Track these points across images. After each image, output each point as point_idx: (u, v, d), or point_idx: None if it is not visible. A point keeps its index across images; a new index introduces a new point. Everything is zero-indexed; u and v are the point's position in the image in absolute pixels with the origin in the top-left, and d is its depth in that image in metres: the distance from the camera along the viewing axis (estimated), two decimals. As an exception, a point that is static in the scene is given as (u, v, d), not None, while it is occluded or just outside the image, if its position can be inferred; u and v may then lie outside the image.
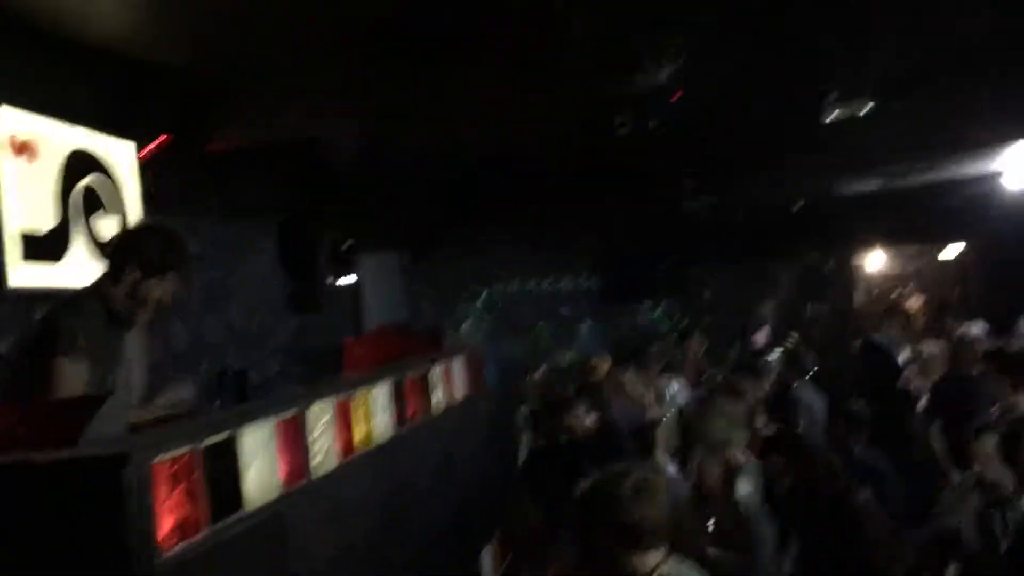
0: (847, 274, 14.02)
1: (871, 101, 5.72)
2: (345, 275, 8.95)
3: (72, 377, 3.21)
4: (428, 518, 4.29)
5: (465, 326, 11.34)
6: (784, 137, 6.31)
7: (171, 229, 3.63)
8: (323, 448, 3.12)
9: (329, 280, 7.92)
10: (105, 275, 3.50)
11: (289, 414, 2.88)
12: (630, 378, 7.84)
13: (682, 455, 5.65)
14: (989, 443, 4.18)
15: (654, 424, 7.27)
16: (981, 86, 5.55)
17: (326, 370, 7.15)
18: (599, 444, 6.20)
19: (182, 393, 3.77)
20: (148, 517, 2.09)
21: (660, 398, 7.75)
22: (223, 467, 2.44)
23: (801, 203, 8.97)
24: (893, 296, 13.74)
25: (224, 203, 6.58)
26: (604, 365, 8.01)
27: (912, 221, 9.78)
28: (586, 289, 11.92)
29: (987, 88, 5.60)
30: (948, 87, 5.55)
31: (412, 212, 9.17)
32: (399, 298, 10.05)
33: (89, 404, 2.48)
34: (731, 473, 4.44)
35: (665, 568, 2.69)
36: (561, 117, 5.39)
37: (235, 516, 2.45)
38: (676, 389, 7.81)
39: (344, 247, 8.89)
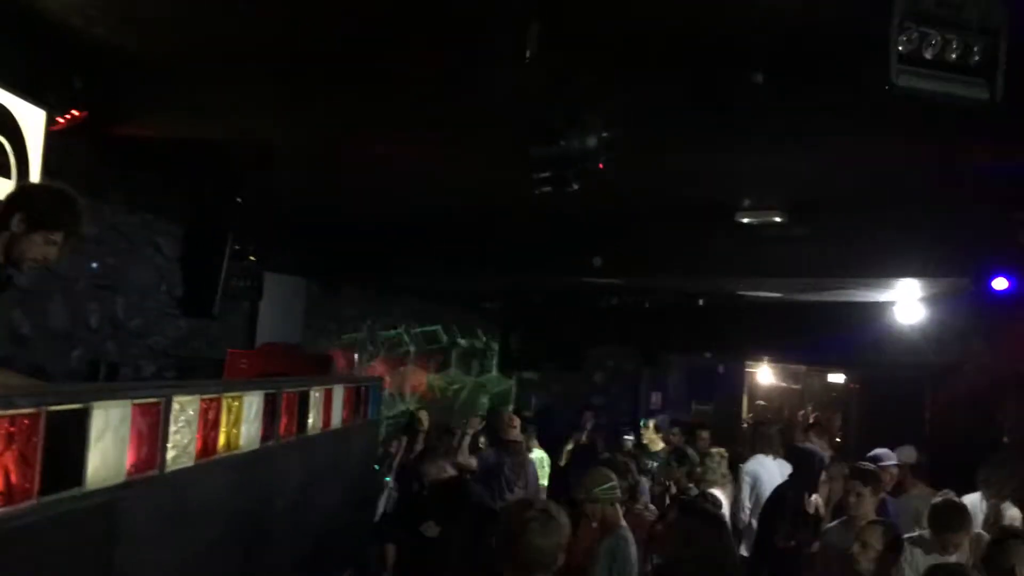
0: (736, 380, 14.38)
1: (780, 216, 5.96)
2: (245, 288, 8.73)
3: None
4: (281, 539, 4.15)
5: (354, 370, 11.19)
6: (699, 229, 6.51)
7: (71, 192, 3.50)
8: (181, 443, 3.01)
9: (225, 290, 7.69)
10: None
11: (150, 400, 2.77)
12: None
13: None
14: None
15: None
16: (881, 222, 5.87)
17: (205, 378, 6.93)
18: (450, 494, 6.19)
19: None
20: (-28, 472, 1.97)
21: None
22: (67, 438, 2.32)
23: (703, 300, 9.23)
24: (802, 413, 14.12)
25: (130, 191, 6.39)
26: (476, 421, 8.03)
27: (804, 339, 10.11)
28: (482, 349, 11.92)
29: (886, 225, 5.91)
30: (852, 218, 5.84)
31: (323, 242, 9.08)
32: (295, 325, 9.84)
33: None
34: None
35: None
36: (483, 169, 5.45)
37: (70, 492, 2.33)
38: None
39: (249, 258, 8.68)
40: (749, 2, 3.41)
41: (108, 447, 2.52)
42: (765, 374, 15.53)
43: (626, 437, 8.87)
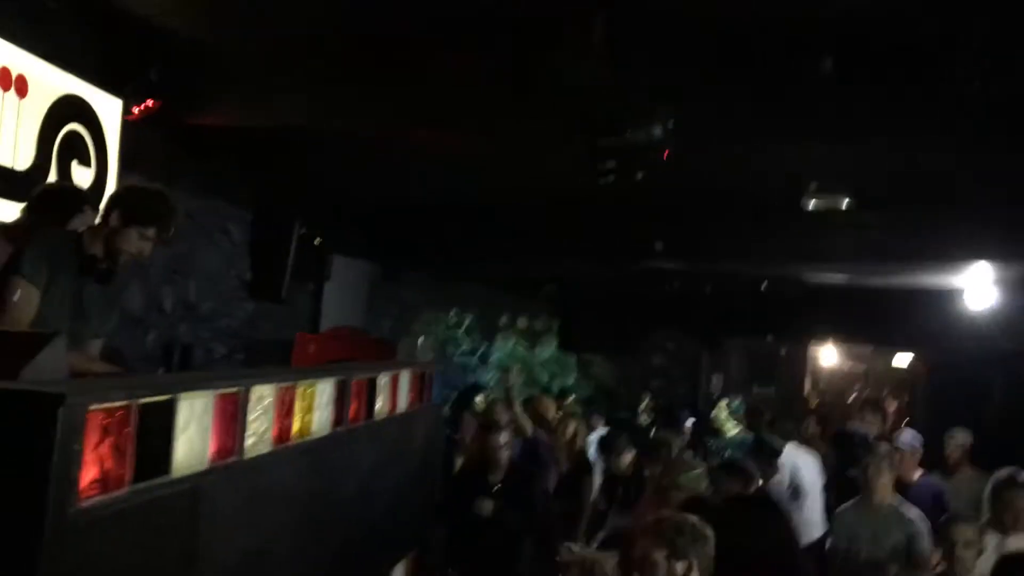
0: (798, 362, 14.22)
1: (848, 199, 5.87)
2: (311, 273, 8.90)
3: (22, 300, 3.19)
4: (349, 521, 4.26)
5: (418, 351, 11.32)
6: (763, 215, 6.44)
7: (163, 191, 3.69)
8: (258, 431, 3.11)
9: (292, 275, 7.86)
10: (89, 227, 3.53)
11: (230, 390, 2.87)
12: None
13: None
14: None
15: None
16: (949, 208, 5.75)
17: (272, 361, 7.12)
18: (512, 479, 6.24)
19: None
20: (74, 463, 2.07)
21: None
22: (156, 428, 2.42)
23: (767, 284, 9.13)
24: (854, 395, 13.96)
25: (202, 178, 6.55)
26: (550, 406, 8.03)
27: (871, 322, 9.97)
28: (544, 330, 11.95)
29: (954, 211, 5.79)
30: (921, 204, 5.74)
31: (385, 227, 9.19)
32: (360, 308, 10.01)
33: (34, 341, 2.47)
34: None
35: None
36: (548, 158, 5.48)
37: (159, 480, 2.43)
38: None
39: (316, 242, 8.85)
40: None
41: (193, 436, 2.62)
42: (829, 355, 15.34)
43: (687, 421, 8.72)
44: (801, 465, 7.17)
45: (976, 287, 7.56)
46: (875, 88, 4.36)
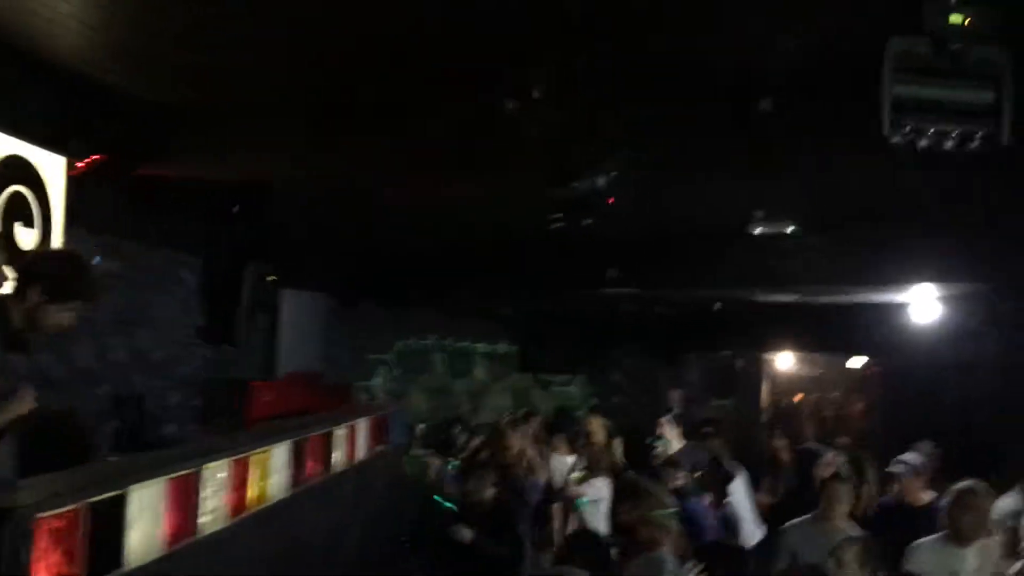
0: (755, 373, 14.39)
1: (792, 227, 5.99)
2: (264, 311, 8.84)
3: None
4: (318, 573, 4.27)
5: (376, 380, 11.31)
6: (712, 242, 6.56)
7: (79, 256, 3.61)
8: (214, 507, 3.10)
9: (246, 315, 7.81)
10: (8, 294, 3.44)
11: (183, 472, 2.87)
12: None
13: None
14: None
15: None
16: (893, 230, 5.89)
17: (229, 406, 7.07)
18: (492, 518, 6.22)
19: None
20: (23, 572, 2.07)
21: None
22: (107, 525, 2.42)
23: (719, 305, 9.28)
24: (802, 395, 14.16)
25: (152, 228, 6.51)
26: (515, 439, 8.00)
27: (822, 333, 10.16)
28: (503, 354, 12.01)
29: (898, 234, 5.94)
30: (863, 226, 5.87)
31: (340, 259, 9.17)
32: (317, 342, 9.97)
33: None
34: None
35: None
36: (497, 209, 5.54)
37: (112, 574, 2.43)
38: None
39: (268, 280, 8.79)
40: (764, 44, 3.47)
41: (146, 524, 2.62)
42: (786, 362, 15.55)
43: (656, 443, 8.67)
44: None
45: (920, 303, 7.75)
46: (812, 121, 4.48)
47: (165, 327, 6.92)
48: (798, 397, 18.22)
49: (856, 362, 14.93)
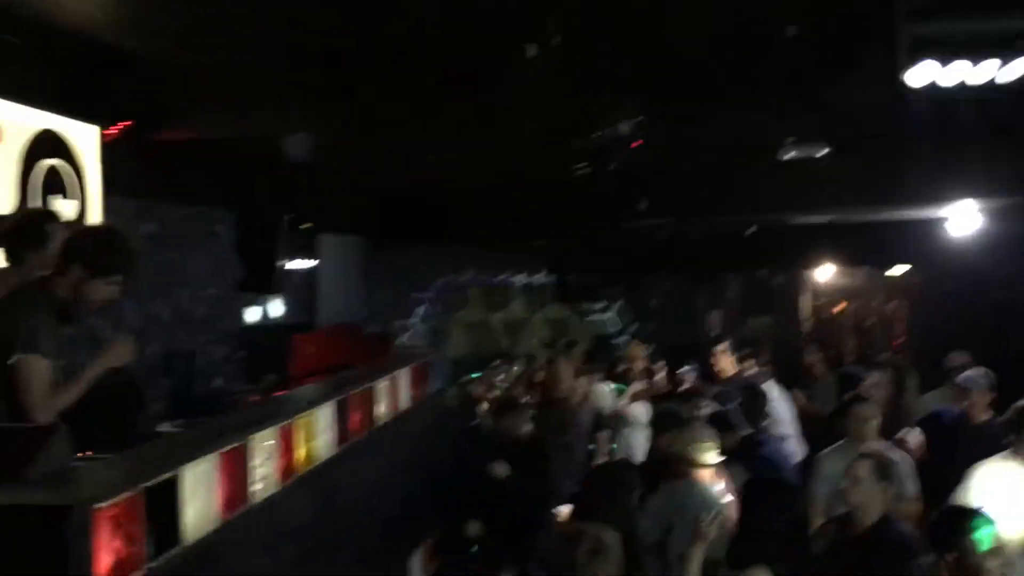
0: (794, 288, 14.31)
1: (826, 147, 5.90)
2: (302, 257, 8.98)
3: (45, 378, 3.26)
4: (364, 528, 4.43)
5: (416, 319, 11.45)
6: (741, 170, 6.49)
7: (118, 232, 3.67)
8: (264, 474, 3.23)
9: (284, 263, 7.94)
10: (51, 272, 3.52)
11: (232, 446, 2.98)
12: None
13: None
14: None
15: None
16: (929, 149, 5.75)
17: (273, 356, 7.24)
18: (528, 456, 6.31)
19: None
20: (87, 561, 2.19)
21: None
22: (163, 505, 2.54)
23: (754, 229, 9.21)
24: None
25: (185, 188, 6.59)
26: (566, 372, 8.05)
27: (860, 249, 10.08)
28: (540, 285, 12.07)
29: (935, 152, 5.80)
30: (897, 147, 5.76)
31: (374, 200, 9.21)
32: (356, 284, 10.10)
33: (36, 437, 2.56)
34: None
35: None
36: (521, 160, 5.52)
37: (172, 551, 2.55)
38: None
39: (303, 228, 8.90)
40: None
41: (200, 500, 2.74)
42: (825, 275, 15.45)
43: (687, 368, 8.71)
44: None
45: (958, 217, 7.64)
46: (833, 41, 4.39)
47: (205, 283, 7.06)
48: (840, 307, 18.16)
49: (898, 269, 14.75)
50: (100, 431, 3.84)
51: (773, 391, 7.70)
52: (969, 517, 3.30)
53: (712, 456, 4.64)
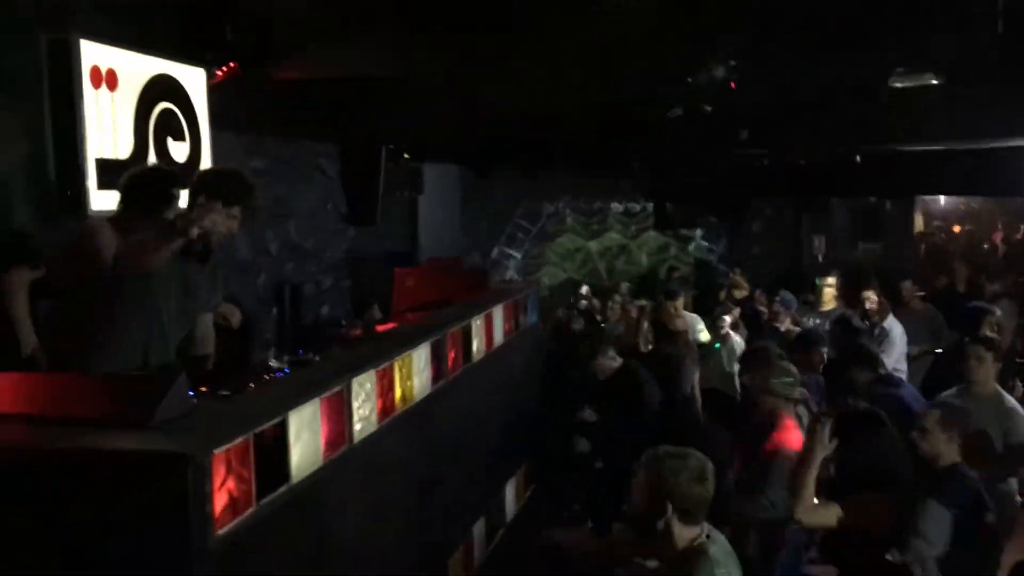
0: (905, 214, 13.85)
1: (935, 78, 5.68)
2: (405, 189, 9.15)
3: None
4: (459, 459, 4.65)
5: (515, 248, 11.58)
6: (846, 102, 6.29)
7: (239, 170, 3.85)
8: (364, 415, 3.44)
9: (387, 195, 8.12)
10: (180, 210, 3.71)
11: (334, 390, 3.19)
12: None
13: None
14: None
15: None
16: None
17: (377, 286, 7.46)
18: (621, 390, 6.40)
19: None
20: (206, 501, 2.42)
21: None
22: (272, 448, 2.76)
23: (859, 157, 8.91)
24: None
25: (290, 125, 6.79)
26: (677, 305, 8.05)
27: (971, 177, 9.66)
28: (638, 212, 12.02)
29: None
30: (1010, 81, 5.47)
31: (473, 130, 9.26)
32: (456, 213, 10.27)
33: (158, 384, 2.80)
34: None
35: (705, 540, 2.97)
36: (618, 98, 5.47)
37: (281, 490, 2.78)
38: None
39: (404, 156, 9.05)
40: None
41: (305, 441, 2.96)
42: (939, 201, 14.90)
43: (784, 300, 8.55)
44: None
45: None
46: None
47: (311, 216, 7.31)
48: (956, 229, 17.51)
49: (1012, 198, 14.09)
50: (217, 366, 4.12)
51: (895, 328, 7.57)
52: None
53: (793, 391, 4.66)
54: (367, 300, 7.01)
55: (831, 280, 8.66)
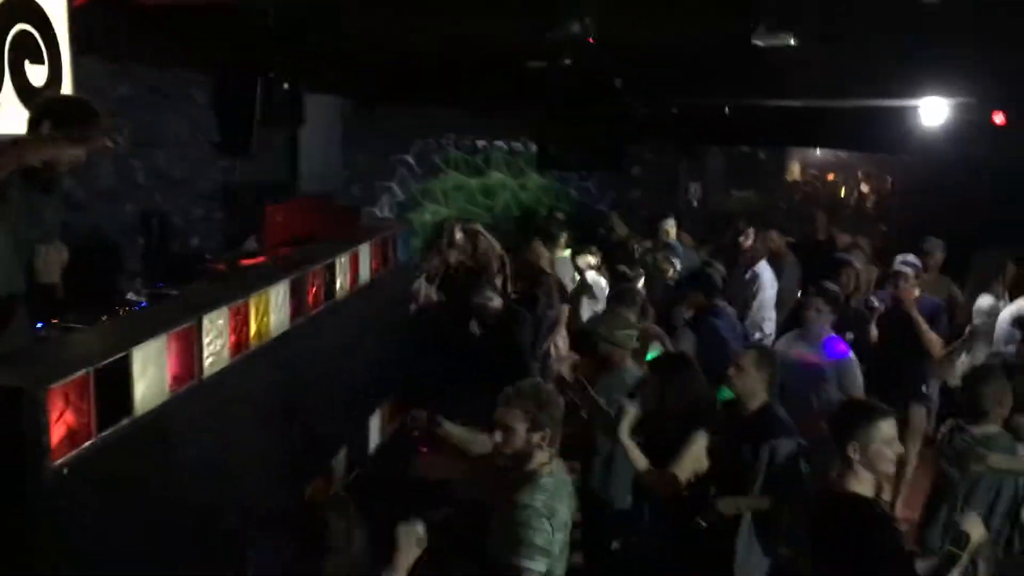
0: (778, 162, 14.41)
1: (795, 39, 5.94)
2: (283, 119, 9.00)
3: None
4: (321, 396, 4.76)
5: (395, 182, 11.59)
6: (714, 56, 6.51)
7: (86, 99, 3.76)
8: (215, 351, 3.51)
9: (262, 125, 8.00)
10: (23, 135, 3.63)
11: (183, 326, 3.25)
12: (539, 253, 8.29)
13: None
14: None
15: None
16: (901, 45, 5.75)
17: (251, 218, 7.41)
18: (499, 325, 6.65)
19: None
20: (42, 433, 2.49)
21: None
22: (114, 383, 2.82)
23: (728, 109, 9.27)
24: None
25: (158, 49, 6.59)
26: (538, 248, 8.35)
27: (835, 132, 10.16)
28: (520, 153, 12.14)
29: (905, 48, 5.80)
30: (870, 41, 5.74)
31: (356, 61, 9.16)
32: (337, 147, 10.17)
33: (-4, 316, 2.82)
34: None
35: (548, 467, 3.21)
36: (495, 42, 5.53)
37: (123, 422, 2.85)
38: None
39: (283, 85, 8.88)
40: None
41: (151, 376, 3.02)
42: (814, 152, 15.49)
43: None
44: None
45: (928, 108, 7.73)
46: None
47: (181, 145, 7.17)
48: (830, 177, 18.29)
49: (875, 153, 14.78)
50: (76, 297, 4.09)
51: (765, 273, 8.03)
52: (869, 409, 3.57)
53: (631, 341, 4.99)
54: (245, 232, 6.98)
55: (671, 222, 9.26)
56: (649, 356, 5.36)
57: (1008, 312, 6.49)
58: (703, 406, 4.35)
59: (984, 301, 6.92)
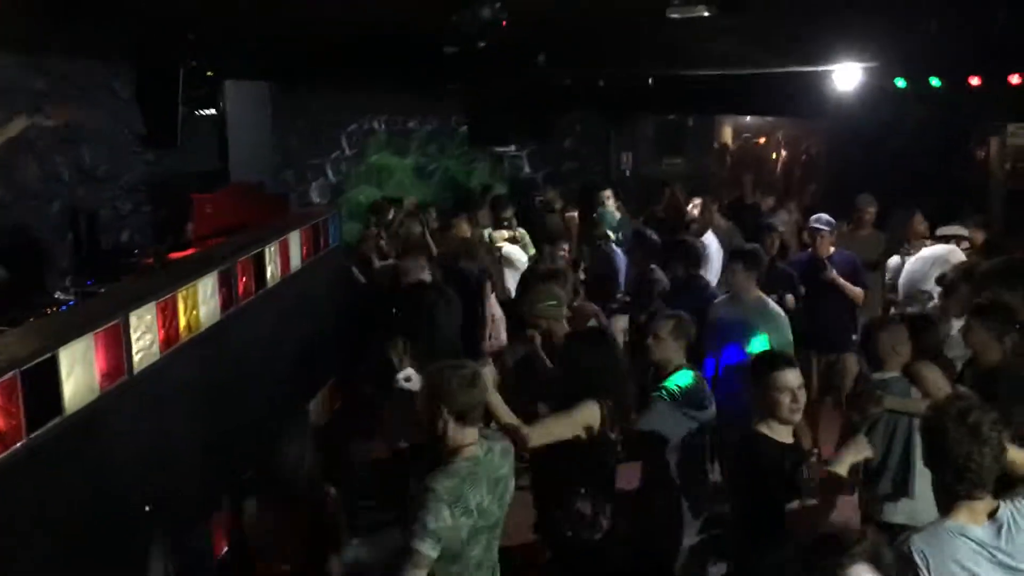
0: (707, 130, 14.65)
1: (708, 10, 6.08)
2: (206, 106, 8.95)
3: None
4: (256, 383, 4.81)
5: (327, 164, 11.56)
6: (635, 26, 6.61)
7: None
8: (144, 346, 3.56)
9: (188, 114, 7.94)
10: None
11: (109, 324, 3.30)
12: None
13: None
14: None
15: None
16: (818, 11, 5.89)
17: (181, 210, 7.38)
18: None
19: None
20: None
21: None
22: (42, 383, 2.87)
23: (651, 80, 9.42)
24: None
25: (75, 41, 6.50)
26: (462, 224, 8.46)
27: (759, 99, 10.38)
28: (451, 131, 12.17)
29: (822, 14, 5.95)
30: (781, 9, 5.89)
31: (278, 44, 9.10)
32: (264, 132, 10.08)
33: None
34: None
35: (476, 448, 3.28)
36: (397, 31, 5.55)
37: (51, 423, 2.91)
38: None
39: (207, 74, 8.82)
40: None
41: (80, 375, 3.08)
42: (742, 118, 15.76)
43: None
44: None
45: (842, 74, 7.96)
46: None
47: (104, 139, 7.10)
48: (761, 141, 18.64)
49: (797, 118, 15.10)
50: (4, 298, 4.10)
51: (712, 244, 8.24)
52: (770, 360, 3.80)
53: (560, 311, 5.08)
54: (179, 224, 6.94)
55: (608, 192, 9.45)
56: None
57: (929, 253, 6.91)
58: (607, 378, 4.35)
59: (893, 261, 7.31)
